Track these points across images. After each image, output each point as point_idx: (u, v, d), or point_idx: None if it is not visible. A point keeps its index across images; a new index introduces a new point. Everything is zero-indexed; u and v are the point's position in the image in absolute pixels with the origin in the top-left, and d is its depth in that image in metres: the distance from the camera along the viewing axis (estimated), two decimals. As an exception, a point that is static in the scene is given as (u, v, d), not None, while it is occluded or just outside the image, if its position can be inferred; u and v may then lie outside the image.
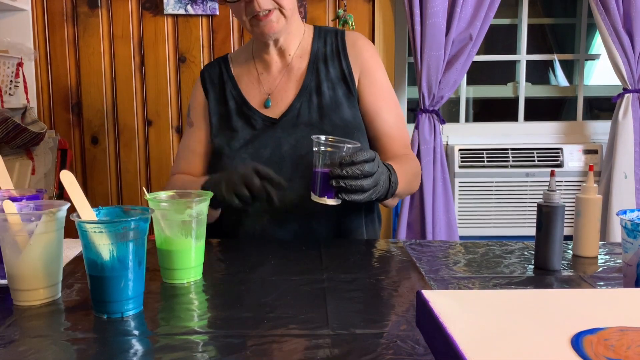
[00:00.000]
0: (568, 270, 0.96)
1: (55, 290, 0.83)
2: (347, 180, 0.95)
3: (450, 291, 0.74)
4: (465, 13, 2.30)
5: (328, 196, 0.98)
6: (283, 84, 1.26)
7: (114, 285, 0.75)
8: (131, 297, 0.77)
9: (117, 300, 0.76)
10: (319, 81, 1.24)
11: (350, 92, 1.24)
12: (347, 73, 1.25)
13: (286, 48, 1.26)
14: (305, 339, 0.68)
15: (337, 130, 1.19)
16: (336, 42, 1.27)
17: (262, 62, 1.28)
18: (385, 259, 1.03)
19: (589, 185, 1.00)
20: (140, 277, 0.78)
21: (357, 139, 1.21)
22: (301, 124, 1.21)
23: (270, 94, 1.26)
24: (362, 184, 0.97)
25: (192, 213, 0.89)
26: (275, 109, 1.24)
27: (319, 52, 1.26)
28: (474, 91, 2.86)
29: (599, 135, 2.56)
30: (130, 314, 0.77)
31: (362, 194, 0.98)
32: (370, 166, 0.97)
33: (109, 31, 2.43)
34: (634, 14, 2.26)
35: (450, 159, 2.45)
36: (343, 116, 1.22)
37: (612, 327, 0.53)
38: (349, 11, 2.39)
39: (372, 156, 0.99)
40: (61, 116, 2.49)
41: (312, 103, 1.23)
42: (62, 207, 0.81)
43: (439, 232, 2.37)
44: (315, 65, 1.25)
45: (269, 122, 1.23)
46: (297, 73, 1.26)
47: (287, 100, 1.24)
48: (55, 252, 0.82)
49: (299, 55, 1.27)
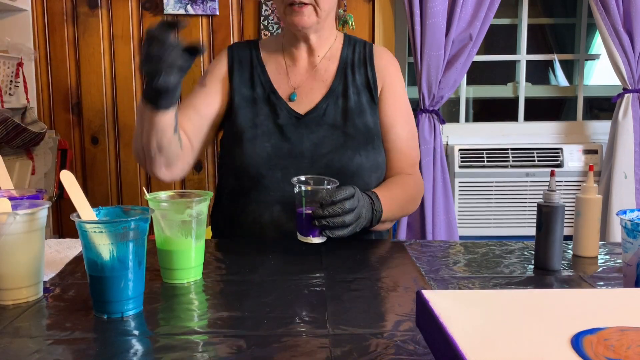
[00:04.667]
0: (568, 270, 0.96)
1: (32, 291, 0.82)
2: (328, 219, 1.00)
3: (450, 291, 0.74)
4: (465, 13, 2.30)
5: (313, 235, 1.01)
6: (309, 82, 1.29)
7: (114, 285, 0.75)
8: (131, 297, 0.77)
9: (117, 300, 0.76)
10: (346, 86, 1.28)
11: (373, 100, 1.28)
12: (371, 82, 1.29)
13: (316, 48, 1.29)
14: (305, 339, 0.68)
15: (359, 134, 1.23)
16: (364, 52, 1.32)
17: (291, 56, 1.31)
18: (385, 259, 1.03)
19: (589, 185, 1.00)
20: (140, 277, 0.78)
21: (377, 145, 1.26)
22: (325, 124, 1.24)
23: (296, 88, 1.28)
24: (344, 220, 1.01)
25: (192, 213, 0.89)
26: (301, 105, 1.26)
27: (348, 58, 1.31)
28: (474, 91, 2.86)
29: (599, 135, 2.56)
30: (130, 314, 0.77)
31: (344, 229, 1.02)
32: (350, 203, 1.02)
33: (109, 31, 2.43)
34: (634, 14, 2.26)
35: (450, 159, 2.45)
36: (365, 122, 1.25)
37: (612, 327, 0.53)
38: (349, 11, 2.39)
39: (351, 193, 1.03)
40: (61, 116, 2.49)
41: (337, 106, 1.26)
42: (38, 208, 0.81)
43: (439, 232, 2.37)
44: (344, 70, 1.29)
45: (294, 117, 1.25)
46: (324, 75, 1.29)
47: (312, 98, 1.27)
48: (27, 254, 0.81)
49: (327, 58, 1.30)
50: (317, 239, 1.00)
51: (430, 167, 2.36)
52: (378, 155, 1.25)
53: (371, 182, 1.23)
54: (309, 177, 1.05)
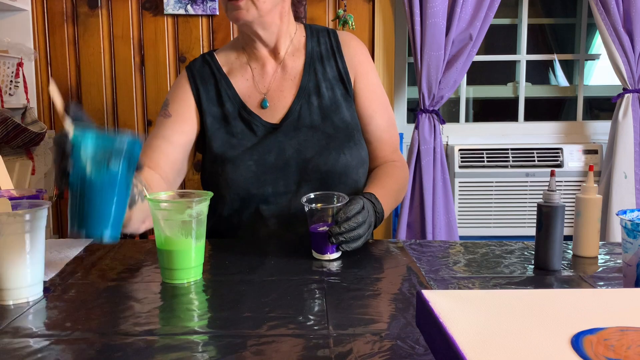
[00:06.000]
0: (568, 270, 0.96)
1: (33, 291, 0.82)
2: (345, 234, 0.99)
3: (450, 291, 0.74)
4: (465, 13, 2.30)
5: (330, 252, 1.01)
6: (278, 82, 1.24)
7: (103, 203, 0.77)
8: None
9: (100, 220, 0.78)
10: (317, 81, 1.23)
11: (347, 92, 1.25)
12: (343, 73, 1.25)
13: (274, 44, 1.24)
14: (305, 339, 0.68)
15: (339, 132, 1.20)
16: (330, 42, 1.27)
17: (255, 59, 1.26)
18: (385, 259, 1.03)
19: (589, 185, 1.00)
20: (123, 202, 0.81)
21: (359, 139, 1.23)
22: (303, 127, 1.20)
23: (266, 93, 1.24)
24: (359, 233, 1.01)
25: (192, 213, 0.89)
26: (274, 112, 1.23)
27: (314, 51, 1.25)
28: (474, 91, 2.86)
29: (599, 135, 2.56)
30: (108, 239, 0.79)
31: (359, 240, 1.02)
32: (362, 215, 1.01)
33: (109, 31, 2.44)
34: (634, 14, 2.26)
35: (450, 159, 2.45)
36: (343, 117, 1.22)
37: (612, 327, 0.52)
38: (349, 11, 2.40)
39: (361, 205, 1.02)
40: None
41: (312, 105, 1.22)
42: (38, 208, 0.81)
43: (439, 232, 2.37)
44: (312, 65, 1.24)
45: (270, 128, 1.21)
46: (292, 72, 1.25)
47: (284, 101, 1.23)
48: (27, 254, 0.81)
49: (291, 53, 1.26)
50: (334, 254, 1.01)
51: (430, 167, 2.36)
52: (361, 149, 1.22)
53: (359, 179, 1.22)
54: (318, 194, 1.04)
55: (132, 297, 0.84)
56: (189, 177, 2.51)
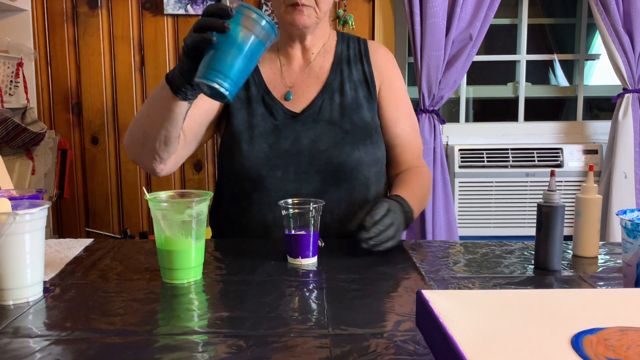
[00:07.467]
0: (568, 270, 0.96)
1: (33, 291, 0.82)
2: (374, 238, 1.01)
3: (450, 291, 0.74)
4: (465, 13, 2.30)
5: (303, 256, 1.00)
6: (304, 79, 1.28)
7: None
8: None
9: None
10: (342, 81, 1.27)
11: (370, 95, 1.28)
12: (368, 77, 1.29)
13: (310, 47, 1.29)
14: (305, 339, 0.68)
15: (357, 130, 1.23)
16: (359, 47, 1.32)
17: (286, 55, 1.30)
18: (385, 259, 1.03)
19: (589, 185, 1.00)
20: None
21: (376, 140, 1.25)
22: (322, 121, 1.23)
23: (291, 87, 1.28)
24: (388, 234, 1.02)
25: (192, 213, 0.89)
26: (296, 103, 1.26)
27: (343, 54, 1.31)
28: (474, 91, 2.86)
29: (599, 135, 2.56)
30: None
31: (391, 241, 1.03)
32: (389, 218, 1.03)
33: (109, 31, 2.44)
34: (634, 14, 2.26)
35: (450, 159, 2.45)
36: (363, 117, 1.25)
37: (612, 327, 0.53)
38: (349, 11, 2.40)
39: (387, 208, 1.04)
40: (61, 116, 2.49)
41: (334, 101, 1.25)
42: (38, 208, 0.81)
43: (439, 232, 2.37)
44: (339, 66, 1.29)
45: (290, 116, 1.24)
46: (320, 71, 1.29)
47: (308, 96, 1.27)
48: (27, 254, 0.81)
49: (322, 54, 1.30)
50: (307, 260, 1.00)
51: (430, 167, 2.36)
52: (377, 149, 1.25)
53: (371, 177, 1.23)
54: (295, 200, 1.04)
55: (132, 297, 0.84)
56: (189, 177, 2.52)
